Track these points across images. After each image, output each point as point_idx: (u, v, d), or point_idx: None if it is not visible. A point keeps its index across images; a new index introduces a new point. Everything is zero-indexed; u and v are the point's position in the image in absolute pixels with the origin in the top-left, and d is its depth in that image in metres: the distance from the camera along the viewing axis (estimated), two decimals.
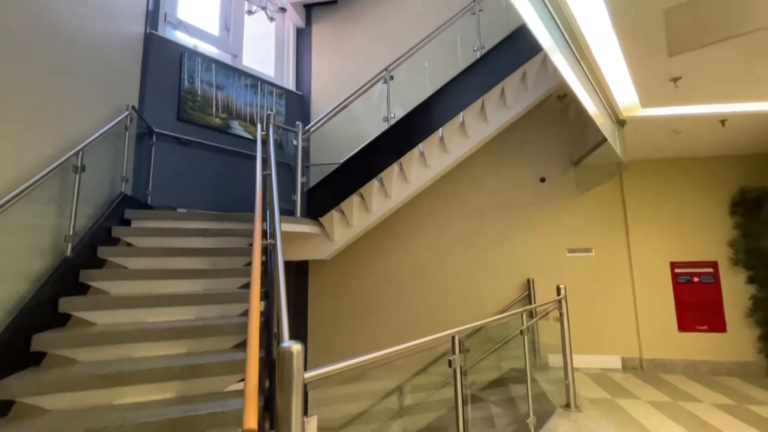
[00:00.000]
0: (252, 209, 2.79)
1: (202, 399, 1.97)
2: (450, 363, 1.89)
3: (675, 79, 2.42)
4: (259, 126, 3.69)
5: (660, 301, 4.58)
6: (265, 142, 3.34)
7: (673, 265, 4.59)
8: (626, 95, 2.90)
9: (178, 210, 4.11)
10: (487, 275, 4.97)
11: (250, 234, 3.43)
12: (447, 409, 4.21)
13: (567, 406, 3.39)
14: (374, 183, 4.22)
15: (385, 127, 4.30)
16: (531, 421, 2.63)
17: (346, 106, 4.46)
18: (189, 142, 4.45)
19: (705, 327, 4.42)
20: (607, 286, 4.75)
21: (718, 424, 3.06)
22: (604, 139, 3.65)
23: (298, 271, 5.34)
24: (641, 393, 3.79)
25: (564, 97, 4.89)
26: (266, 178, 2.78)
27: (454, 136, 4.38)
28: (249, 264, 3.12)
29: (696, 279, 4.50)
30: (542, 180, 5.07)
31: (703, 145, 4.26)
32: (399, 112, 4.32)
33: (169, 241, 3.17)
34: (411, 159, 4.26)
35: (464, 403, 4.13)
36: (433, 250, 5.15)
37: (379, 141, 4.19)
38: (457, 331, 1.93)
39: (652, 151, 4.51)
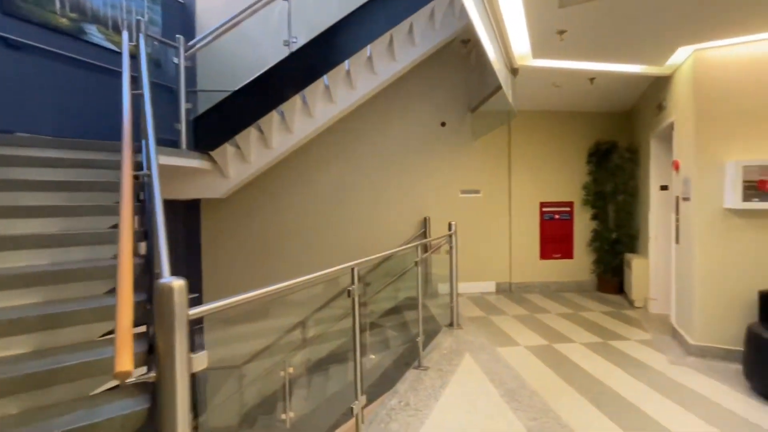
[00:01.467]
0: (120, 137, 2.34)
1: (69, 350, 1.73)
2: (349, 293, 1.96)
3: (561, 32, 2.63)
4: (125, 34, 3.02)
5: (529, 236, 5.40)
6: (135, 56, 2.77)
7: (542, 205, 5.39)
8: (521, 44, 3.08)
9: (17, 134, 3.26)
10: (388, 213, 5.19)
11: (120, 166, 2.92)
12: (348, 338, 4.50)
13: (450, 324, 3.91)
14: (274, 116, 3.90)
15: (286, 53, 3.91)
16: (420, 339, 2.97)
17: (239, 21, 3.88)
18: (24, 46, 3.44)
19: (559, 255, 5.40)
20: (490, 224, 5.39)
21: (558, 327, 3.89)
22: (499, 87, 3.90)
23: (190, 211, 4.85)
24: (508, 310, 4.55)
25: (468, 42, 5.00)
26: (138, 100, 2.33)
27: (362, 71, 4.21)
28: None
29: (557, 216, 5.38)
30: (443, 124, 5.29)
31: (574, 100, 4.87)
32: (303, 40, 3.94)
33: (5, 172, 2.53)
34: (315, 92, 4.00)
35: (363, 330, 4.45)
36: (338, 189, 5.13)
37: (279, 68, 3.81)
38: (357, 264, 1.99)
39: (535, 102, 4.99)
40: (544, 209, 5.39)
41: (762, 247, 2.86)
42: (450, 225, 3.93)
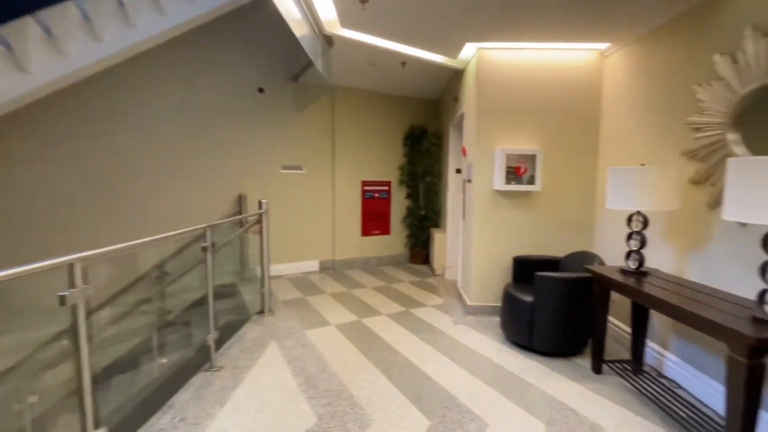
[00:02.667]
0: None
1: None
2: (61, 300, 1.40)
3: (363, 1, 2.52)
4: None
5: (352, 213, 5.50)
6: None
7: (364, 183, 5.54)
8: (328, 9, 2.86)
9: None
10: (194, 190, 4.42)
11: None
12: (143, 338, 3.69)
13: (262, 311, 3.60)
14: None
15: None
16: (211, 337, 2.56)
17: None
18: None
19: (378, 231, 5.71)
20: (314, 201, 5.24)
21: (370, 301, 4.05)
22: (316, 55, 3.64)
23: None
24: (327, 288, 4.54)
25: None
26: None
27: (144, 5, 3.30)
28: None
29: (377, 195, 5.64)
30: (261, 90, 4.76)
31: (392, 83, 5.07)
32: None
33: None
34: (66, 21, 2.91)
35: (158, 329, 3.69)
36: (121, 157, 4.03)
37: None
38: (79, 258, 1.44)
39: (357, 80, 4.98)
40: (366, 188, 5.56)
41: (517, 221, 3.52)
42: (260, 203, 3.56)
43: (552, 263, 3.32)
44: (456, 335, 3.19)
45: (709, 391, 2.22)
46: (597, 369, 2.58)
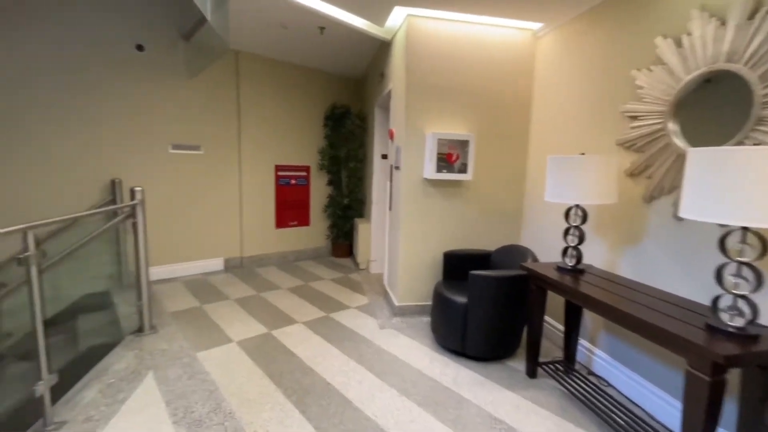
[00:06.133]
0: None
1: None
2: None
3: None
4: None
5: (263, 202, 4.79)
6: None
7: (277, 168, 4.85)
8: None
9: None
10: (49, 174, 3.34)
11: None
12: None
13: (140, 330, 2.83)
14: None
15: None
16: (44, 383, 1.80)
17: None
18: None
19: (295, 222, 5.09)
20: (216, 188, 4.42)
21: (284, 306, 3.49)
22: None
23: None
24: (232, 291, 3.84)
25: None
26: None
27: None
28: None
29: (293, 181, 4.99)
30: (140, 48, 3.76)
31: (308, 54, 4.42)
32: None
33: None
34: None
35: None
36: None
37: None
38: None
39: (265, 46, 4.24)
40: (280, 173, 4.87)
41: (448, 213, 3.24)
42: (133, 192, 2.74)
43: (483, 258, 3.11)
44: (382, 343, 2.82)
45: (638, 389, 2.15)
46: (532, 373, 2.41)
